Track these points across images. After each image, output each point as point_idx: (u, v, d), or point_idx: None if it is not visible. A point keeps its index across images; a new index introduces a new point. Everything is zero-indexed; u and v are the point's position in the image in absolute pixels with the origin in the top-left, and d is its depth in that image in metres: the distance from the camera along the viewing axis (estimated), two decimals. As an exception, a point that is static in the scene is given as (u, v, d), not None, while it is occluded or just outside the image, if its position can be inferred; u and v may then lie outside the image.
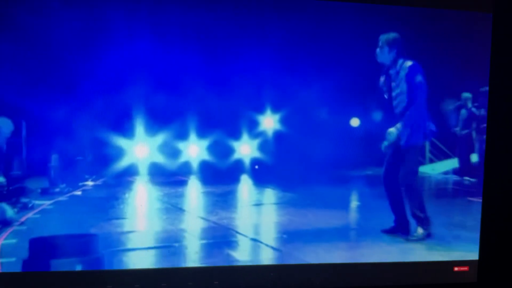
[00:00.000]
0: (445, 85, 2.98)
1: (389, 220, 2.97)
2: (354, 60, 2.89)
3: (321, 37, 2.86)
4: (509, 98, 3.02)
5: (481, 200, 3.01)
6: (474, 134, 3.05)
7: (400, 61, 2.94)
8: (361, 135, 2.91)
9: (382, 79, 2.97)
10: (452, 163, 3.06)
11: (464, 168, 3.06)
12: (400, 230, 2.99)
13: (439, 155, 3.05)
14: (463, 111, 3.03)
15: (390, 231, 2.97)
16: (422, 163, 3.04)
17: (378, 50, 2.92)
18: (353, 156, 2.91)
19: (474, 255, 2.99)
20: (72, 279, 2.68)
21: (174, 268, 2.77)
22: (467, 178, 3.07)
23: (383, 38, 2.90)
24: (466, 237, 3.00)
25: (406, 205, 3.00)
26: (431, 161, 3.05)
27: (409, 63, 2.94)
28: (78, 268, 2.66)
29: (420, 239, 2.99)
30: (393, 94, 2.97)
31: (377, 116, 2.93)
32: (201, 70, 2.76)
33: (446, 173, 3.07)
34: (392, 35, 2.90)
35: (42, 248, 2.63)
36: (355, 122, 2.89)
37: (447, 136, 3.04)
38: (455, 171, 3.07)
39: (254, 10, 2.80)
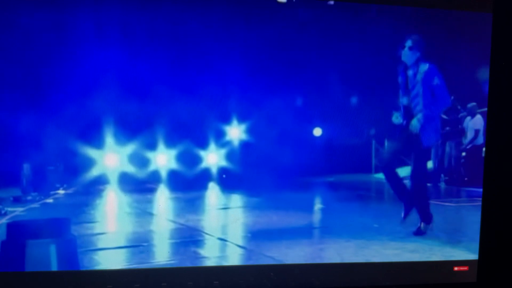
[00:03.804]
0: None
1: (350, 221, 3.12)
2: (320, 69, 2.95)
3: (287, 46, 2.91)
4: (509, 98, 3.06)
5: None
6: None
7: (420, 64, 3.03)
8: (324, 144, 3.00)
9: (400, 77, 3.05)
10: (408, 169, 3.18)
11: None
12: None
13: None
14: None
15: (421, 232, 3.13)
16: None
17: (406, 49, 2.99)
18: (317, 164, 3.02)
19: (474, 255, 3.09)
20: (72, 279, 2.74)
21: (174, 268, 2.83)
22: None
23: (413, 38, 2.97)
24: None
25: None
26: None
27: (425, 66, 3.02)
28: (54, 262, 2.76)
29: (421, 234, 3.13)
30: (411, 94, 3.06)
31: (341, 125, 3.03)
32: (170, 79, 2.80)
33: (403, 178, 3.19)
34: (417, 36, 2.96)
35: (15, 248, 2.73)
36: (318, 131, 2.98)
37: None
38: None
39: (223, 19, 2.82)
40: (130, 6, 2.73)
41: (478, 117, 3.15)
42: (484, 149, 3.15)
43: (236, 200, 3.04)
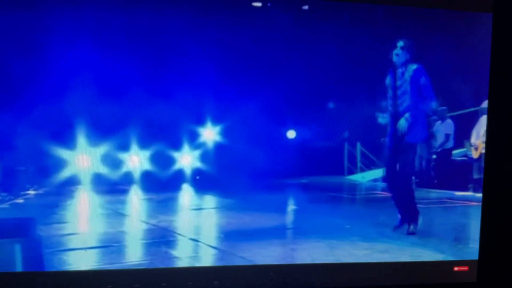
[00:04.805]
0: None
1: (322, 222, 3.13)
2: (295, 71, 2.96)
3: (262, 49, 2.91)
4: (509, 98, 3.07)
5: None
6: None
7: (408, 64, 3.05)
8: (298, 146, 3.01)
9: (389, 78, 3.07)
10: (380, 171, 3.21)
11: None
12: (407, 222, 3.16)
13: (369, 165, 3.20)
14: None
15: (399, 225, 3.15)
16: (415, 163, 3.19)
17: (397, 50, 3.02)
18: (291, 166, 3.03)
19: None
20: (72, 278, 2.72)
21: (174, 268, 2.83)
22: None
23: (401, 42, 3.00)
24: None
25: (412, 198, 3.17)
26: (362, 170, 3.21)
27: (414, 66, 3.05)
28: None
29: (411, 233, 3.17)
30: (398, 92, 3.09)
31: (315, 128, 3.04)
32: (144, 80, 2.77)
33: (375, 180, 3.23)
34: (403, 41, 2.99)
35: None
36: (291, 134, 2.99)
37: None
38: (383, 179, 3.23)
39: (199, 22, 2.81)
40: (105, 5, 2.70)
41: (449, 121, 3.19)
42: (453, 152, 3.21)
43: (210, 201, 3.05)
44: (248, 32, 2.88)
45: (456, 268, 3.08)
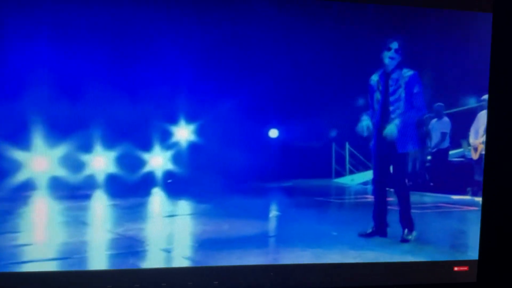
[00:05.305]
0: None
1: (307, 228, 2.96)
2: (273, 67, 2.82)
3: (241, 42, 2.77)
4: (509, 98, 3.04)
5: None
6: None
7: (403, 68, 2.97)
8: (281, 146, 2.86)
9: (377, 79, 2.99)
10: (370, 173, 3.06)
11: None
12: (378, 233, 3.05)
13: (359, 166, 3.04)
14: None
15: (369, 235, 3.03)
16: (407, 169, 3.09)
17: (387, 53, 2.94)
18: (273, 168, 2.87)
19: (474, 255, 3.06)
20: (72, 278, 2.65)
21: (174, 268, 2.80)
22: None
23: (396, 43, 2.93)
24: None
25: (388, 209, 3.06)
26: (351, 172, 3.06)
27: (409, 72, 2.97)
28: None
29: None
30: (391, 99, 2.99)
31: (300, 126, 2.87)
32: (108, 75, 2.62)
33: (365, 183, 3.08)
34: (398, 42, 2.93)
35: None
36: (274, 133, 2.82)
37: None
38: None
39: (172, 13, 2.67)
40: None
41: (445, 119, 3.05)
42: (450, 152, 3.11)
43: (183, 207, 2.86)
44: (229, 25, 2.74)
45: (456, 268, 3.06)
